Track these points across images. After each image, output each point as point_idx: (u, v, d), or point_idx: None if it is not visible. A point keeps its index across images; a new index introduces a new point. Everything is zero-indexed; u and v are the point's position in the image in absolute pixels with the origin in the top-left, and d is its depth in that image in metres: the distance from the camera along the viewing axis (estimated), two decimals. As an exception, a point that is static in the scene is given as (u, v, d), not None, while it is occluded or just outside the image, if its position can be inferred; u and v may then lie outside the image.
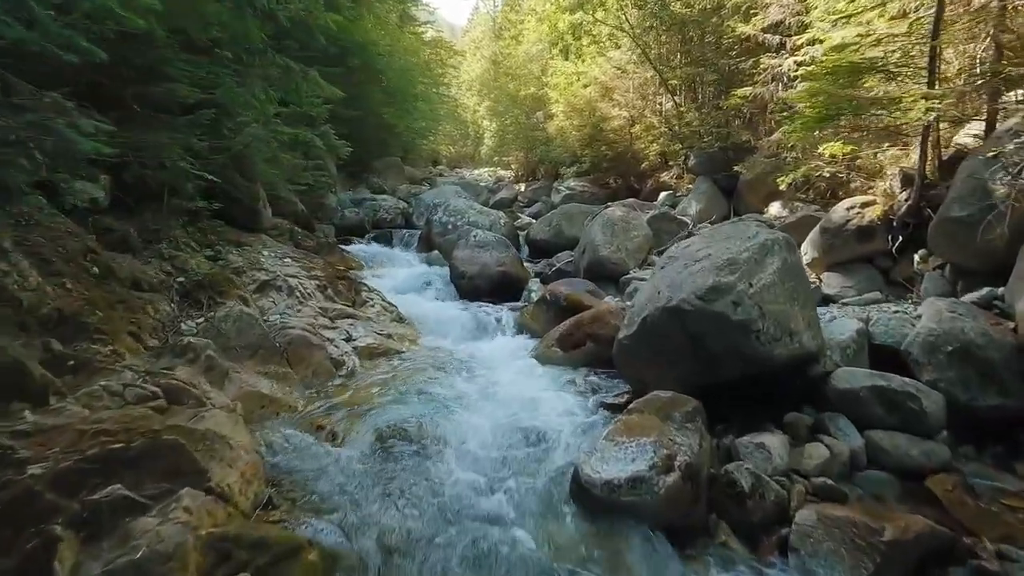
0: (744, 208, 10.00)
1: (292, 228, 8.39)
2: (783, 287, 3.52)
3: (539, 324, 6.25)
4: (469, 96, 32.23)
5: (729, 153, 10.15)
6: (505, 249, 7.95)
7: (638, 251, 7.33)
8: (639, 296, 4.10)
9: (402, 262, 9.42)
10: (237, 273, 5.79)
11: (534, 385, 4.47)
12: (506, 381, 4.60)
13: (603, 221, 7.37)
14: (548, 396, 4.21)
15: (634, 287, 6.68)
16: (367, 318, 6.02)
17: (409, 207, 12.72)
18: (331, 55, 12.29)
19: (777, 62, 8.53)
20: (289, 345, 4.67)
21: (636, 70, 12.61)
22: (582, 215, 10.11)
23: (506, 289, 7.70)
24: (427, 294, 7.79)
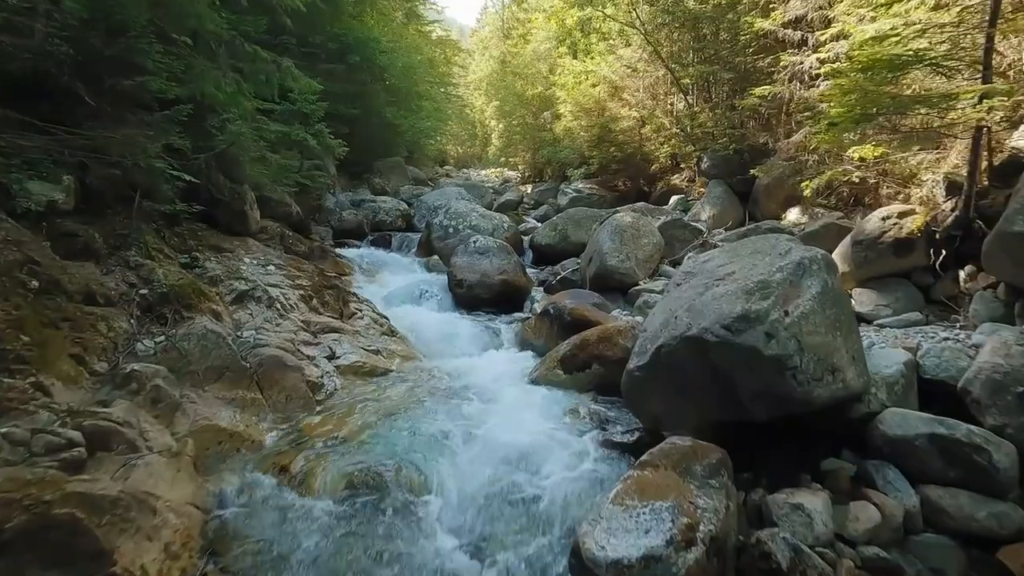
0: (760, 214, 9.40)
1: (283, 231, 7.89)
2: (824, 315, 2.96)
3: (541, 339, 5.72)
4: (477, 96, 31.71)
5: (744, 156, 9.56)
6: (506, 256, 7.42)
7: (648, 260, 6.77)
8: (652, 319, 3.55)
9: (400, 267, 8.90)
10: (213, 282, 5.28)
11: (533, 417, 3.92)
12: (502, 411, 4.06)
13: (611, 228, 6.82)
14: (548, 431, 3.67)
15: (644, 300, 6.13)
16: (354, 332, 5.51)
17: (411, 209, 12.22)
18: (330, 51, 11.83)
19: (798, 59, 7.94)
20: (260, 367, 4.16)
21: (647, 68, 12.02)
22: (589, 220, 9.55)
23: (507, 299, 7.17)
24: (423, 303, 7.27)
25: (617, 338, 4.62)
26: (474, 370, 5.17)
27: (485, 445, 3.39)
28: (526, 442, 3.38)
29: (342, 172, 13.58)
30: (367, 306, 6.08)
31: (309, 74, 11.03)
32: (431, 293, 7.50)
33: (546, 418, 3.92)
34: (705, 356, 2.99)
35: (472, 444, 3.44)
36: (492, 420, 3.85)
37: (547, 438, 3.49)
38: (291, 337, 4.90)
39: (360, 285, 7.53)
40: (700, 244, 6.67)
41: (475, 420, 3.82)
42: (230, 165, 6.67)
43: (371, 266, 8.67)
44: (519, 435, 3.52)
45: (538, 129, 18.89)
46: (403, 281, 8.02)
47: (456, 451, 3.37)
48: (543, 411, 4.06)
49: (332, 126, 11.83)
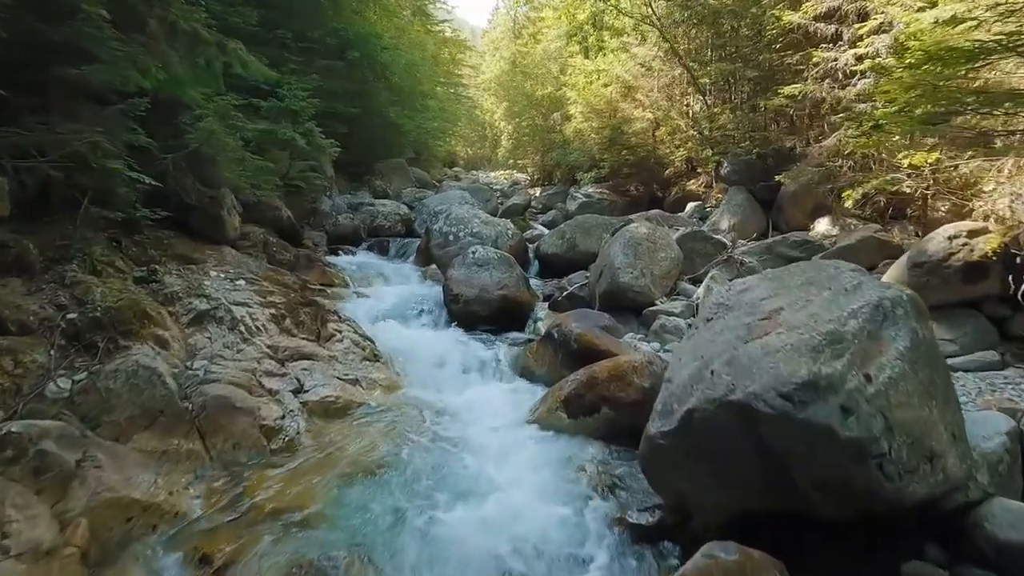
0: (785, 224, 8.58)
1: (267, 238, 7.18)
2: (916, 380, 2.17)
3: (543, 367, 4.97)
4: (487, 97, 30.98)
5: (768, 160, 8.73)
6: (507, 269, 6.65)
7: (666, 277, 5.98)
8: (679, 367, 2.78)
9: (395, 277, 8.16)
10: (169, 300, 4.57)
11: (530, 479, 3.16)
12: (493, 470, 3.31)
13: (625, 240, 6.03)
14: (548, 505, 2.91)
15: (661, 324, 5.34)
16: (330, 358, 4.77)
17: (412, 213, 11.49)
18: (329, 47, 11.12)
19: (832, 56, 7.11)
20: (204, 410, 3.42)
21: (663, 67, 11.21)
22: (599, 228, 8.76)
23: (507, 316, 6.41)
24: (415, 320, 6.52)
25: (631, 376, 3.85)
26: (466, 406, 4.43)
27: (467, 529, 2.63)
28: (520, 528, 2.62)
29: (341, 173, 12.89)
30: (349, 326, 5.33)
31: (306, 71, 10.36)
32: (425, 308, 6.75)
33: (546, 480, 3.15)
34: (753, 429, 2.22)
35: (451, 525, 2.68)
36: (480, 484, 3.09)
37: (546, 516, 2.73)
38: (252, 367, 4.17)
39: (348, 298, 6.80)
40: (724, 260, 5.87)
41: (458, 485, 3.07)
42: (203, 166, 5.95)
43: (363, 276, 7.93)
44: (511, 511, 2.76)
45: (547, 131, 18.13)
46: (396, 293, 7.27)
47: (428, 535, 2.61)
48: (542, 469, 3.30)
49: (330, 125, 11.12)
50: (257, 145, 7.90)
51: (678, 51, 10.30)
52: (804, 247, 7.09)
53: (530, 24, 24.34)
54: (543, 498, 2.92)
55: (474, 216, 8.99)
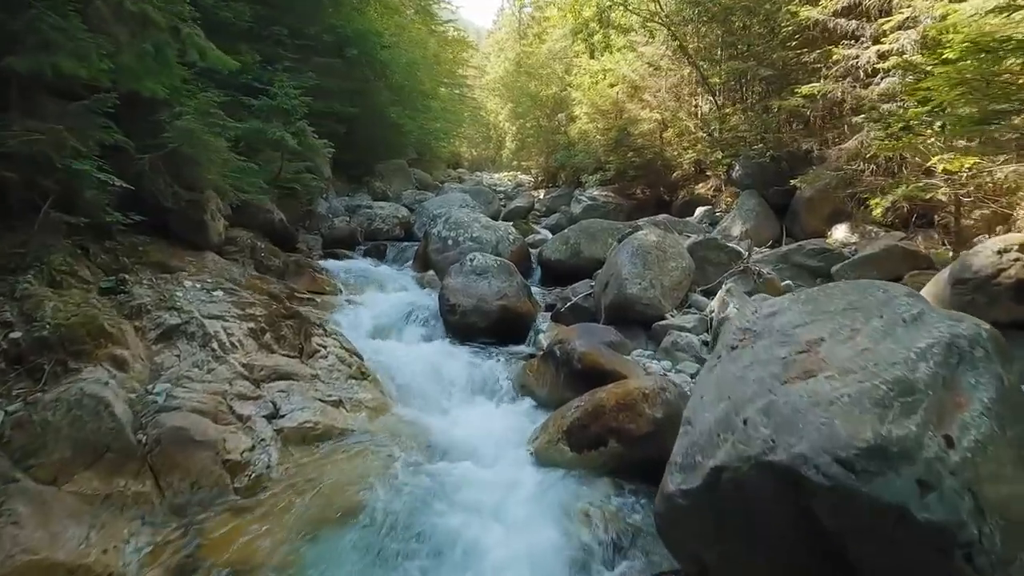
0: (800, 230, 8.11)
1: (255, 243, 6.76)
2: (1006, 441, 1.73)
3: (544, 387, 4.54)
4: (492, 99, 30.57)
5: (782, 163, 8.27)
6: (507, 277, 6.22)
7: (676, 288, 5.53)
8: (700, 408, 2.34)
9: (391, 284, 7.73)
10: (136, 314, 4.15)
11: (526, 535, 2.72)
12: (484, 515, 2.87)
13: (632, 248, 5.58)
14: (545, 563, 2.47)
15: (673, 341, 4.89)
16: (312, 376, 4.34)
17: (411, 216, 11.07)
18: (326, 44, 10.71)
19: (853, 53, 6.64)
20: (158, 444, 3.00)
21: (671, 66, 10.74)
22: (605, 233, 8.33)
23: (507, 327, 5.98)
24: (409, 331, 6.09)
25: (642, 405, 3.41)
26: (457, 433, 4.00)
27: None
28: None
29: (340, 175, 12.50)
30: (335, 340, 4.90)
31: (302, 69, 9.95)
32: (420, 318, 6.31)
33: (544, 536, 2.71)
34: (799, 500, 1.77)
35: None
36: (468, 539, 2.65)
37: None
38: (223, 389, 3.75)
39: (339, 307, 6.38)
40: (740, 271, 5.42)
41: (443, 540, 2.63)
42: (182, 167, 5.54)
43: (357, 282, 7.50)
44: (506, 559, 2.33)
45: (552, 132, 17.70)
46: (391, 302, 6.84)
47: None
48: (541, 519, 2.86)
49: (327, 125, 10.74)
50: (247, 145, 7.51)
51: (688, 49, 9.83)
52: (822, 256, 6.63)
53: (535, 24, 23.90)
54: (539, 562, 2.47)
55: (474, 220, 8.55)
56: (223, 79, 7.68)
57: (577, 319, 6.12)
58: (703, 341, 4.87)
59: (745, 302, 4.75)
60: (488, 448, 3.78)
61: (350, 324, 6.00)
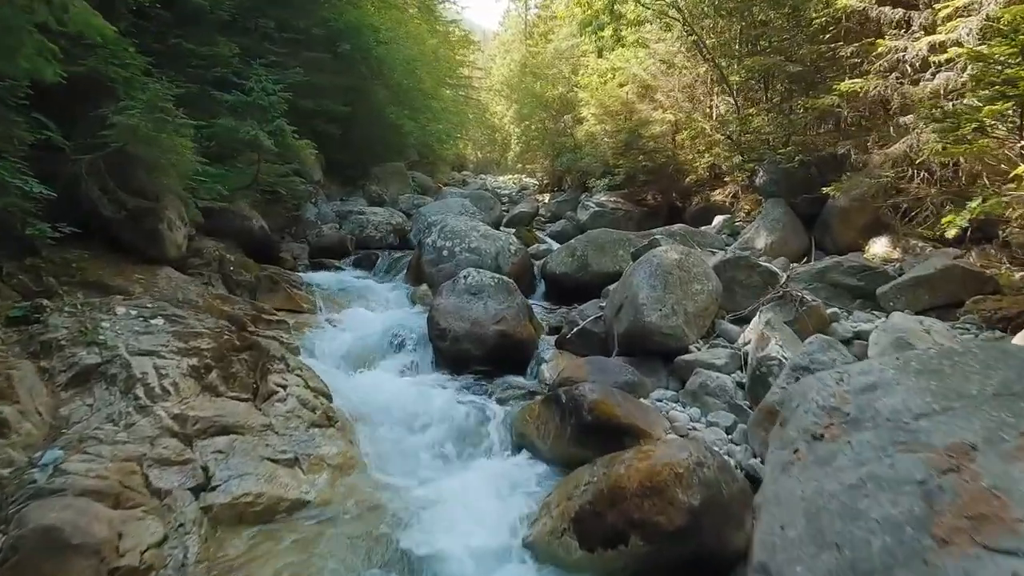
0: (831, 243, 7.22)
1: (223, 256, 5.93)
2: None
3: (547, 439, 3.71)
4: (498, 100, 29.73)
5: (811, 169, 7.37)
6: (506, 297, 5.36)
7: (702, 315, 4.65)
8: (786, 554, 1.47)
9: (379, 300, 6.88)
10: (45, 352, 3.33)
11: None
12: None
13: (651, 268, 4.71)
14: None
15: (702, 382, 4.02)
16: (263, 428, 3.50)
17: (407, 222, 10.22)
18: (316, 38, 9.87)
19: (901, 44, 5.75)
20: (15, 552, 2.16)
21: (686, 64, 9.86)
22: (614, 244, 7.46)
23: (505, 356, 5.13)
24: (393, 360, 5.24)
25: (673, 489, 2.55)
26: (438, 504, 3.15)
27: None
28: None
29: (334, 177, 11.69)
30: (299, 377, 4.06)
31: (291, 63, 9.13)
32: (407, 343, 5.46)
33: None
34: None
35: None
36: None
37: None
38: (139, 453, 2.92)
39: (315, 329, 5.54)
40: (779, 296, 4.53)
41: None
42: (129, 170, 4.72)
43: (340, 298, 6.66)
44: None
45: (557, 134, 16.83)
46: (376, 322, 5.99)
47: None
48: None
49: (317, 125, 9.93)
50: (219, 145, 6.69)
51: (706, 45, 8.92)
52: (863, 274, 5.74)
53: (541, 23, 23.03)
54: None
55: (472, 229, 7.70)
56: (195, 72, 6.88)
57: (585, 346, 5.27)
58: (737, 382, 4.00)
59: (791, 339, 3.88)
60: (474, 528, 2.93)
61: (324, 351, 5.18)
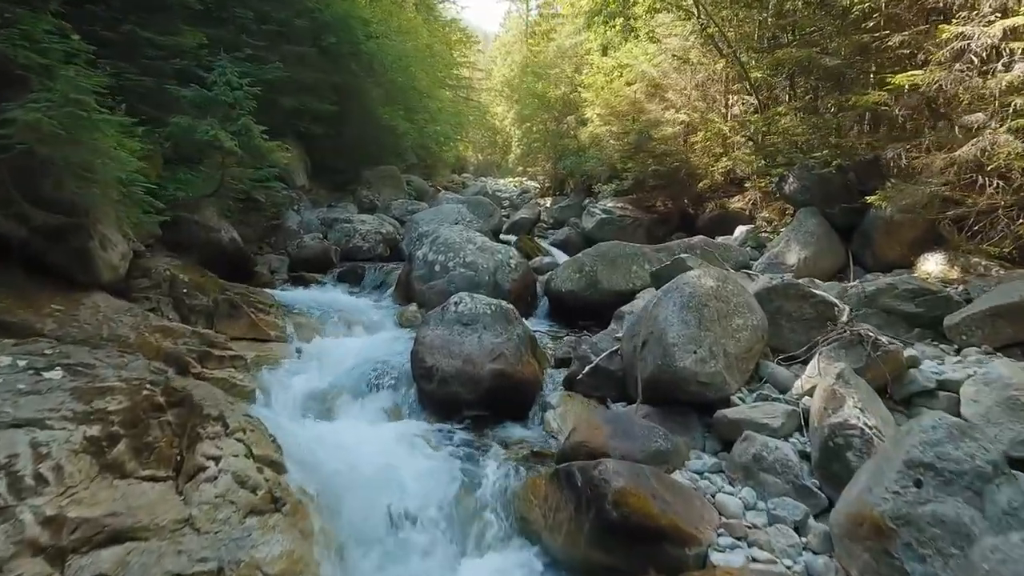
0: (873, 259, 6.28)
1: (175, 277, 4.99)
2: None
3: (556, 534, 2.86)
4: (498, 102, 28.76)
5: (850, 175, 6.43)
6: (504, 328, 4.44)
7: (745, 357, 3.71)
8: None
9: (361, 322, 5.95)
10: None
11: None
12: None
13: (682, 298, 3.76)
14: None
15: (756, 452, 3.07)
16: (180, 522, 2.56)
17: (400, 230, 9.28)
18: (299, 30, 8.91)
19: (970, 30, 4.81)
20: None
21: (702, 59, 8.91)
22: (627, 259, 6.54)
23: (504, 399, 4.21)
24: (370, 403, 4.31)
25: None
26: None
27: None
28: None
29: (323, 182, 10.75)
30: (239, 442, 3.11)
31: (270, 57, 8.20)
32: (390, 379, 4.54)
33: None
34: None
35: None
36: None
37: None
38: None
39: (283, 361, 4.61)
40: (839, 334, 3.59)
41: None
42: (38, 177, 3.78)
43: (318, 321, 5.73)
44: None
45: (560, 136, 15.88)
46: (355, 352, 5.07)
47: None
48: None
49: (299, 124, 9.00)
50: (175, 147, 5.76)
51: (727, 37, 7.95)
52: (923, 299, 4.79)
53: (543, 21, 22.06)
54: None
55: (467, 241, 6.76)
56: (151, 64, 5.95)
57: (599, 386, 4.34)
58: (800, 451, 3.06)
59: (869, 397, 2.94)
60: None
61: (286, 394, 4.25)
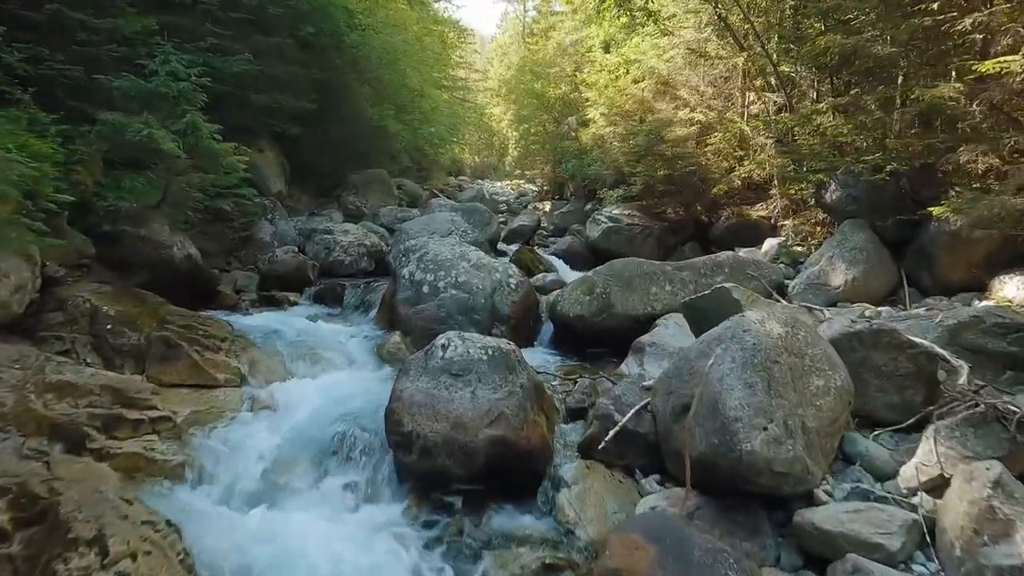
0: (932, 280, 5.30)
1: (96, 309, 3.96)
2: None
3: None
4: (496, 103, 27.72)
5: (902, 182, 5.44)
6: (505, 378, 3.42)
7: (829, 431, 2.71)
8: None
9: (334, 357, 4.92)
10: None
11: None
12: None
13: (743, 352, 2.75)
14: None
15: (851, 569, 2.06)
16: None
17: (387, 241, 8.25)
18: (272, 19, 7.85)
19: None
20: None
21: (721, 53, 7.91)
22: (646, 280, 5.56)
23: (505, 473, 3.19)
24: (331, 483, 3.29)
25: None
26: None
27: None
28: None
29: (306, 187, 9.69)
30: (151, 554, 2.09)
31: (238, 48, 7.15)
32: (359, 445, 3.51)
33: None
34: None
35: None
36: None
37: None
38: None
39: (219, 426, 3.59)
40: (966, 406, 2.58)
41: None
42: None
43: (282, 356, 4.70)
44: None
45: (560, 138, 14.87)
46: (321, 400, 4.06)
47: None
48: None
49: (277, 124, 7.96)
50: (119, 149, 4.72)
51: (755, 25, 6.92)
52: (1017, 335, 3.80)
53: (542, 19, 21.01)
54: None
55: (460, 257, 5.74)
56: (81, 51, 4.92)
57: (625, 452, 3.33)
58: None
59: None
60: None
61: (230, 467, 3.24)
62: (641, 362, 4.76)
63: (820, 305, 5.20)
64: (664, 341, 4.83)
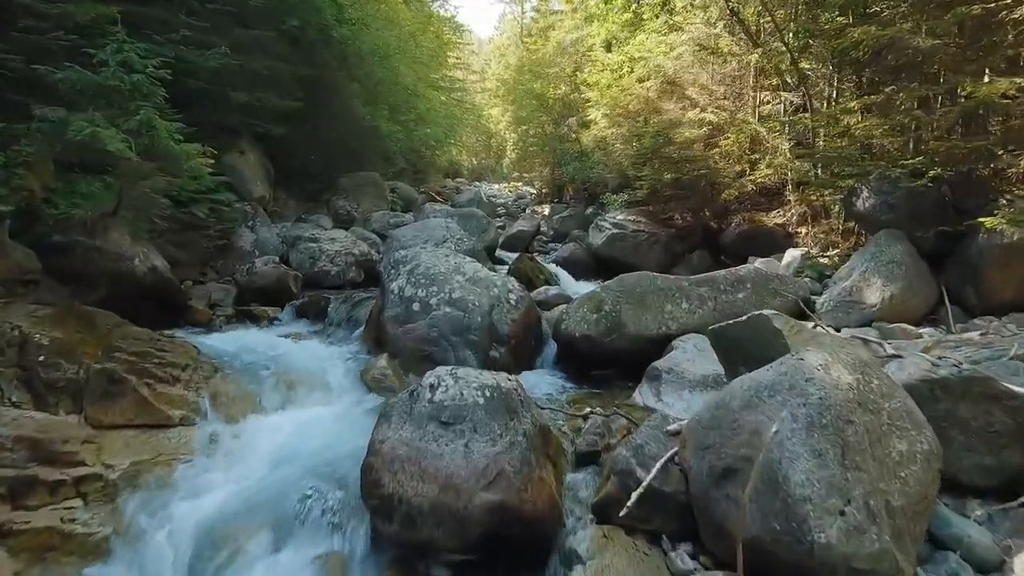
0: (978, 297, 4.72)
1: (25, 338, 3.33)
2: None
3: None
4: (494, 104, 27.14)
5: (943, 190, 4.86)
6: (504, 426, 2.81)
7: (917, 510, 2.13)
8: None
9: (311, 385, 4.30)
10: None
11: None
12: None
13: (808, 409, 2.16)
14: None
15: None
16: None
17: (377, 248, 7.63)
18: (254, 10, 7.22)
19: None
20: None
21: (734, 49, 7.33)
22: (660, 297, 4.96)
23: (506, 543, 2.58)
24: (298, 551, 2.67)
25: None
26: None
27: None
28: None
29: (293, 191, 9.06)
30: None
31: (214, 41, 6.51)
32: (331, 505, 2.90)
33: None
34: None
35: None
36: None
37: None
38: None
39: (164, 480, 2.98)
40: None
41: None
42: None
43: (251, 386, 4.07)
44: None
45: (560, 139, 14.27)
46: (291, 444, 3.44)
47: None
48: None
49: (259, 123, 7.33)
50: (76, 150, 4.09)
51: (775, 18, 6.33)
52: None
53: (541, 18, 20.40)
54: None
55: (454, 271, 5.13)
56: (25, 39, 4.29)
57: (650, 516, 2.72)
58: None
59: None
60: None
61: (173, 535, 2.62)
62: (658, 392, 4.17)
63: (853, 325, 4.63)
64: (682, 367, 4.25)
